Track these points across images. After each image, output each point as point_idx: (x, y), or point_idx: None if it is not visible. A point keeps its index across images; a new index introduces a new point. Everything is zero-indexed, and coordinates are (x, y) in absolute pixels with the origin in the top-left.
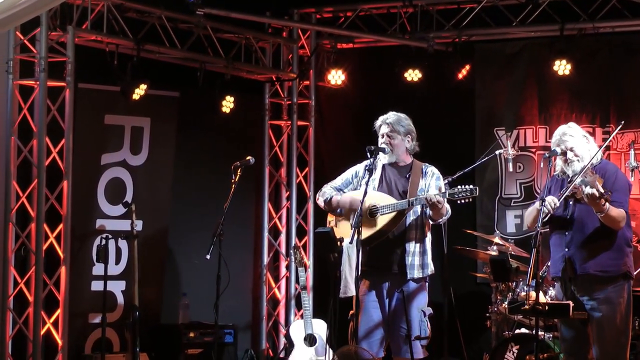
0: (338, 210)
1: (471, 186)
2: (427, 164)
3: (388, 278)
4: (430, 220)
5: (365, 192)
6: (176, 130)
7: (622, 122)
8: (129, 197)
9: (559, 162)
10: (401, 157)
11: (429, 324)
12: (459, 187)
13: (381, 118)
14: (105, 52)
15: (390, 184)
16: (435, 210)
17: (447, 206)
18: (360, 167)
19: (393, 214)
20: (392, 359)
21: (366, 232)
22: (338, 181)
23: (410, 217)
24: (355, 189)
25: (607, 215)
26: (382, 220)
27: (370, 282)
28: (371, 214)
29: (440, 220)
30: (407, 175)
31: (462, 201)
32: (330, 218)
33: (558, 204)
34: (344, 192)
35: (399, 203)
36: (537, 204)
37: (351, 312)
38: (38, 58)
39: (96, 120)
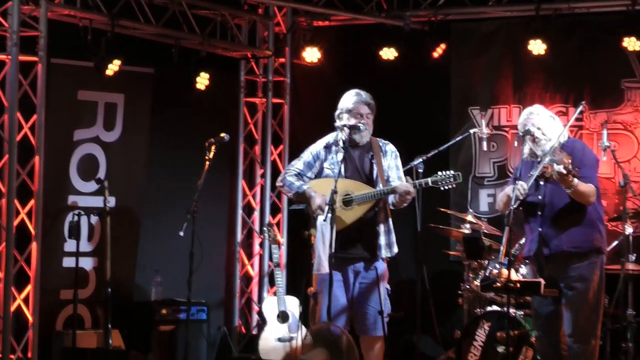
0: (305, 206)
1: (453, 172)
2: (383, 141)
3: (357, 260)
4: (391, 207)
5: (340, 172)
6: (150, 107)
7: (582, 102)
8: (102, 174)
9: (527, 145)
10: (368, 137)
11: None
12: (440, 173)
13: (355, 98)
14: (79, 27)
15: (356, 166)
16: (403, 200)
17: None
18: (319, 147)
19: (369, 204)
20: (357, 338)
21: (343, 223)
22: (299, 165)
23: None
24: (319, 171)
25: (576, 190)
26: (358, 212)
27: (338, 263)
28: (346, 203)
29: (401, 207)
30: (370, 156)
31: (445, 187)
32: None
33: (527, 188)
34: (307, 177)
35: (377, 192)
36: (508, 189)
37: (310, 289)
38: (10, 32)
39: (69, 96)
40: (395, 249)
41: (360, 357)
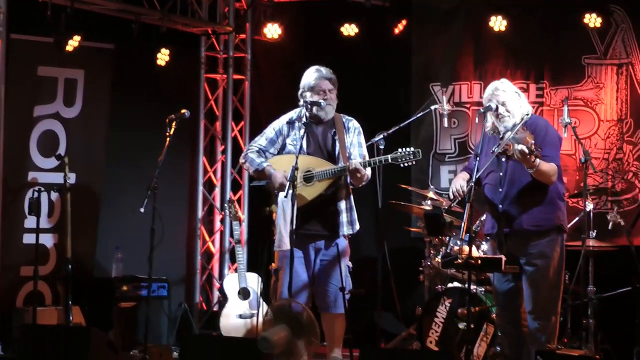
0: (266, 182)
1: (413, 149)
2: (347, 117)
3: (319, 237)
4: (350, 185)
5: (301, 147)
6: (111, 83)
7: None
8: (62, 150)
9: (489, 120)
10: (332, 113)
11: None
12: (400, 150)
13: (316, 74)
14: (39, 2)
15: (318, 142)
16: (355, 179)
17: (367, 173)
18: (282, 123)
19: (329, 180)
20: (319, 314)
21: (304, 199)
22: (262, 141)
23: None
24: (281, 147)
25: (537, 170)
26: (319, 188)
27: (299, 240)
28: (306, 179)
29: (360, 185)
30: (333, 133)
31: (405, 164)
32: None
33: (465, 191)
34: (270, 153)
35: (335, 169)
36: (461, 174)
37: (273, 265)
38: None
39: (29, 72)
40: (357, 226)
41: (322, 334)
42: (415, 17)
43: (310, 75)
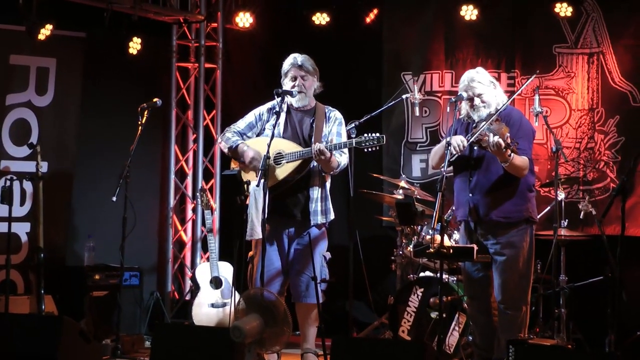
0: (242, 159)
1: (378, 134)
2: (330, 108)
3: (291, 225)
4: (323, 173)
5: (273, 135)
6: (82, 71)
7: (533, 75)
8: (34, 139)
9: (464, 106)
10: (309, 100)
11: (327, 269)
12: (365, 135)
13: (290, 61)
14: None
15: (295, 128)
16: (321, 162)
17: (339, 160)
18: (263, 109)
19: (298, 162)
20: (293, 304)
21: (271, 180)
22: (241, 124)
23: (313, 163)
24: (260, 132)
25: (511, 164)
26: (287, 168)
27: (272, 228)
28: (276, 161)
29: (333, 172)
30: (312, 121)
31: (369, 149)
32: (234, 165)
33: (466, 145)
34: (248, 136)
35: (304, 151)
36: (443, 143)
37: (250, 253)
38: None
39: (1, 60)
40: (332, 216)
41: (295, 323)
42: (386, 6)
43: (286, 63)
